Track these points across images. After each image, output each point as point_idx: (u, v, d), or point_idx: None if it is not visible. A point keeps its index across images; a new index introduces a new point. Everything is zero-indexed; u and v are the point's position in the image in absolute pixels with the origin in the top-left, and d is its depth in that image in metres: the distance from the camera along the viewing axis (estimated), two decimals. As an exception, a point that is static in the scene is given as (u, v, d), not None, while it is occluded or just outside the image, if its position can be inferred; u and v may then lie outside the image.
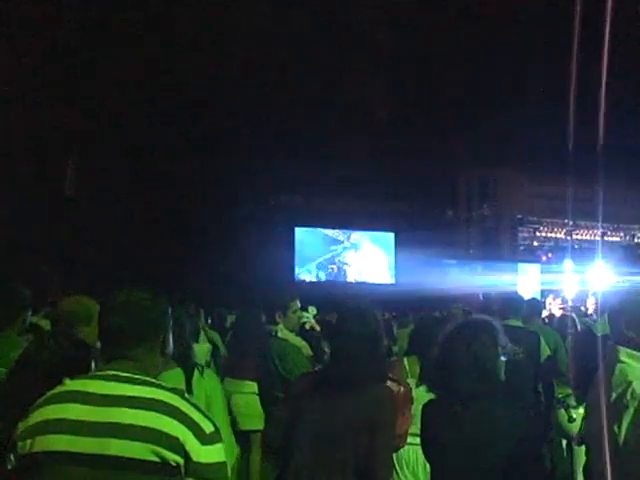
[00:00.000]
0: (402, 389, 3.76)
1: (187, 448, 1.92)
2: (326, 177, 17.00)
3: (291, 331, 5.49)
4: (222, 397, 3.88)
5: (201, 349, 5.68)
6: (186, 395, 2.09)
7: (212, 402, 3.70)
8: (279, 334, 5.32)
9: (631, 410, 2.45)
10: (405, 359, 4.22)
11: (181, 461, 1.91)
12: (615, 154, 15.45)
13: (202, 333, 6.84)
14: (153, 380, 2.04)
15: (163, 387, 2.04)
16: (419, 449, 3.36)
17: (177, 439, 1.91)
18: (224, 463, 2.02)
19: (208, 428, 1.98)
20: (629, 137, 15.85)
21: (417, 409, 3.32)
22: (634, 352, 2.64)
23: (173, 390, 2.05)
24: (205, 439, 1.96)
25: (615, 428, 2.47)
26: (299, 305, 5.57)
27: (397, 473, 4.11)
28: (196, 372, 3.72)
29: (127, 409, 1.94)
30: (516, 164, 18.00)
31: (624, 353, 2.64)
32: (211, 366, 6.00)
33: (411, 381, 3.96)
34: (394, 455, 3.96)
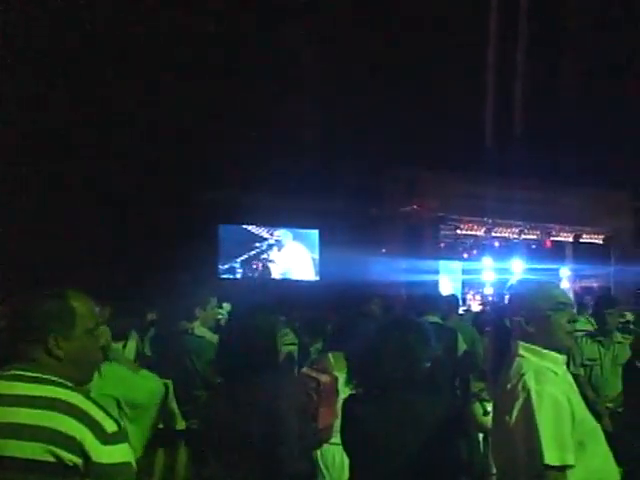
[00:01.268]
0: (328, 378, 3.91)
1: (86, 448, 1.88)
2: (249, 174, 16.90)
3: (208, 328, 5.45)
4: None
5: (129, 347, 5.60)
6: (90, 394, 2.05)
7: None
8: (196, 331, 5.25)
9: (521, 400, 2.55)
10: (330, 355, 4.25)
11: (79, 461, 1.87)
12: (533, 155, 15.91)
13: (132, 332, 6.71)
14: (55, 379, 2.01)
15: (64, 386, 2.02)
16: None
17: (74, 439, 1.88)
18: (128, 463, 1.98)
19: (110, 427, 1.95)
20: (546, 138, 16.34)
21: None
22: (532, 346, 2.75)
23: (75, 389, 2.04)
24: (107, 439, 1.92)
25: (507, 418, 2.57)
26: (216, 301, 5.53)
27: (322, 473, 4.12)
28: (105, 368, 3.66)
29: (24, 409, 1.91)
30: (438, 162, 18.28)
31: (522, 347, 2.77)
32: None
33: (340, 375, 3.97)
34: (319, 453, 4.00)
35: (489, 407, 4.73)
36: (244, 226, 19.81)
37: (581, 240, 21.72)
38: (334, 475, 4.10)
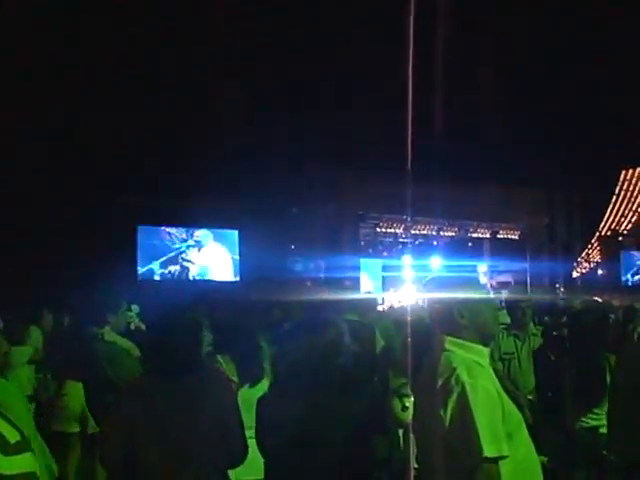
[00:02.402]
0: (232, 383, 3.76)
1: None
2: (168, 175, 16.71)
3: (118, 333, 5.35)
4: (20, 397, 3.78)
5: (21, 351, 5.47)
6: None
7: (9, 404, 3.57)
8: (106, 337, 5.15)
9: (454, 395, 2.53)
10: (220, 358, 4.18)
11: None
12: (451, 155, 16.24)
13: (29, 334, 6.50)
14: None
15: None
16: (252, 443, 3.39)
17: None
18: (32, 474, 1.86)
19: (13, 437, 1.82)
20: (465, 136, 16.71)
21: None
22: (459, 340, 2.75)
23: None
24: (9, 449, 1.80)
25: (441, 412, 2.54)
26: (126, 305, 5.43)
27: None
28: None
29: None
30: (358, 163, 18.49)
31: (449, 341, 2.74)
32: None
33: (232, 378, 3.94)
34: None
35: (407, 403, 4.74)
36: (163, 228, 19.51)
37: (498, 236, 22.32)
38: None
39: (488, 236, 22.36)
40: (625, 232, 72.15)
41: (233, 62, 16.49)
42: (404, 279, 21.45)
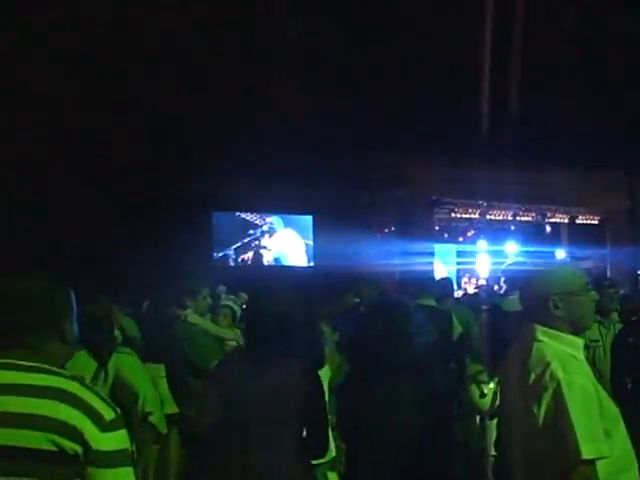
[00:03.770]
0: None
1: (86, 436, 1.90)
2: (242, 161, 16.86)
3: (201, 315, 5.43)
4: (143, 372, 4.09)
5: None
6: (86, 382, 2.10)
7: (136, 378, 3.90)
8: (188, 318, 5.30)
9: (550, 391, 2.45)
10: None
11: (80, 450, 1.89)
12: (528, 137, 15.89)
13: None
14: (51, 368, 2.02)
15: (61, 374, 2.03)
16: None
17: (75, 427, 1.90)
18: (126, 450, 2.00)
19: (109, 415, 1.96)
20: (541, 119, 16.32)
21: None
22: (552, 331, 2.65)
23: (72, 377, 2.05)
24: (105, 426, 1.94)
25: (534, 410, 2.47)
26: (209, 291, 5.62)
27: None
28: (115, 355, 3.95)
29: (22, 397, 1.92)
30: (430, 146, 18.25)
31: (541, 331, 2.65)
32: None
33: None
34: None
35: (486, 389, 4.74)
36: (238, 214, 19.80)
37: (577, 221, 21.76)
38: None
39: (566, 221, 21.82)
40: None
41: (296, 49, 16.49)
42: (479, 265, 21.21)
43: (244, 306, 7.21)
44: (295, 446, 3.19)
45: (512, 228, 21.56)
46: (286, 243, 20.26)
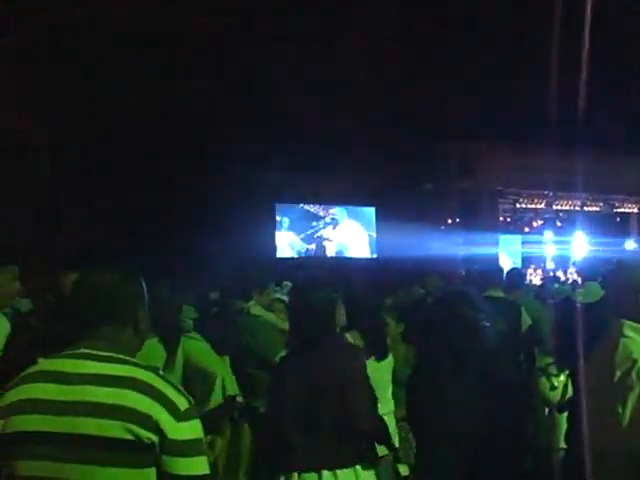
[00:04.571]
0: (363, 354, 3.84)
1: (161, 426, 1.94)
2: (305, 153, 16.90)
3: (263, 307, 5.55)
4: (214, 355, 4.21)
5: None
6: (160, 372, 2.12)
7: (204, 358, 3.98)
8: (252, 311, 5.39)
9: (637, 390, 2.38)
10: (348, 335, 4.27)
11: (155, 439, 1.93)
12: (595, 125, 15.50)
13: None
14: (127, 358, 2.06)
15: (137, 364, 2.07)
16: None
17: (150, 417, 1.93)
18: (200, 439, 2.04)
19: (183, 405, 2.00)
20: (610, 107, 15.90)
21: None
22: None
23: (147, 367, 2.08)
24: (180, 416, 1.98)
25: (619, 408, 2.40)
26: (274, 286, 5.58)
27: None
28: (184, 339, 4.06)
29: (99, 387, 1.95)
30: (495, 136, 17.98)
31: (629, 327, 2.55)
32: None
33: None
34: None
35: (556, 382, 4.67)
36: (301, 205, 19.91)
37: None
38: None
39: (636, 211, 21.22)
40: None
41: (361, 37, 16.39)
42: (545, 256, 20.83)
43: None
44: (343, 430, 3.25)
45: (579, 218, 21.10)
46: (349, 235, 20.24)
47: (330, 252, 20.10)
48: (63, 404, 1.94)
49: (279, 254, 19.37)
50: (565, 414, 4.03)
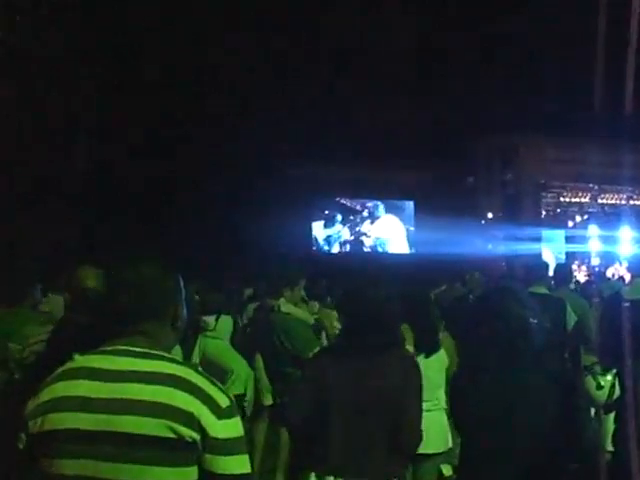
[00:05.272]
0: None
1: (203, 423, 1.92)
2: (342, 145, 16.87)
3: (295, 304, 5.50)
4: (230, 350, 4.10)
5: (225, 322, 5.66)
6: (200, 369, 2.08)
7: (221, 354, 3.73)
8: (282, 308, 5.33)
9: None
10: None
11: (197, 437, 1.91)
12: (640, 115, 15.23)
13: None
14: (165, 354, 2.04)
15: (176, 361, 2.05)
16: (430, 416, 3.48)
17: (192, 414, 1.91)
18: (241, 437, 2.01)
19: (224, 402, 1.98)
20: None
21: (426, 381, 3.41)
22: None
23: (187, 364, 2.07)
24: (221, 413, 1.96)
25: None
26: (304, 282, 5.62)
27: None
28: (201, 338, 3.81)
29: (139, 384, 1.94)
30: (537, 128, 17.77)
31: None
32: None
33: (409, 348, 4.00)
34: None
35: (602, 381, 4.58)
36: (337, 199, 19.89)
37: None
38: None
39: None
40: None
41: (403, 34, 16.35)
42: (590, 252, 20.51)
43: None
44: (389, 441, 3.17)
45: (626, 212, 20.73)
46: (387, 229, 20.18)
47: (367, 247, 20.06)
48: (101, 401, 1.92)
49: (315, 248, 19.43)
50: (612, 415, 3.96)
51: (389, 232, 20.19)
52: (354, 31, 15.90)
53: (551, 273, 6.45)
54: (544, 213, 20.21)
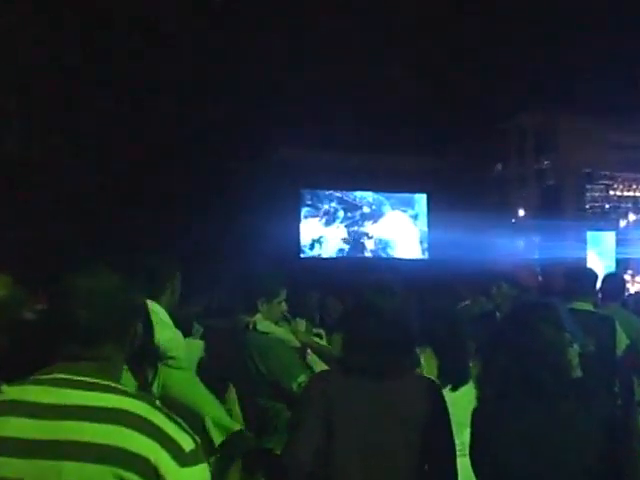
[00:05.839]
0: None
1: (162, 472, 1.91)
2: (340, 127, 16.93)
3: (274, 323, 5.44)
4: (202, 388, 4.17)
5: (194, 345, 5.63)
6: (158, 404, 2.08)
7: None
8: (258, 326, 5.28)
9: None
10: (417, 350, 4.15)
11: None
12: None
13: (195, 325, 6.79)
14: (116, 385, 2.03)
15: (129, 394, 2.03)
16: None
17: (148, 460, 1.90)
18: None
19: (188, 445, 1.97)
20: None
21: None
22: None
23: (143, 398, 2.05)
24: (184, 459, 1.95)
25: None
26: (285, 295, 5.49)
27: None
28: (161, 369, 3.90)
29: (83, 422, 1.92)
30: (582, 106, 17.88)
31: None
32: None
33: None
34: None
35: (661, 419, 4.63)
36: (331, 191, 19.88)
37: None
38: None
39: None
40: None
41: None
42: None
43: None
44: None
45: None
46: (393, 229, 20.20)
47: (369, 251, 20.13)
48: (37, 444, 1.90)
49: (304, 253, 19.44)
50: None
51: (396, 233, 20.22)
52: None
53: (598, 285, 6.47)
54: (590, 209, 20.30)
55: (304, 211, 19.72)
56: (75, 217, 15.20)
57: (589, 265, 16.72)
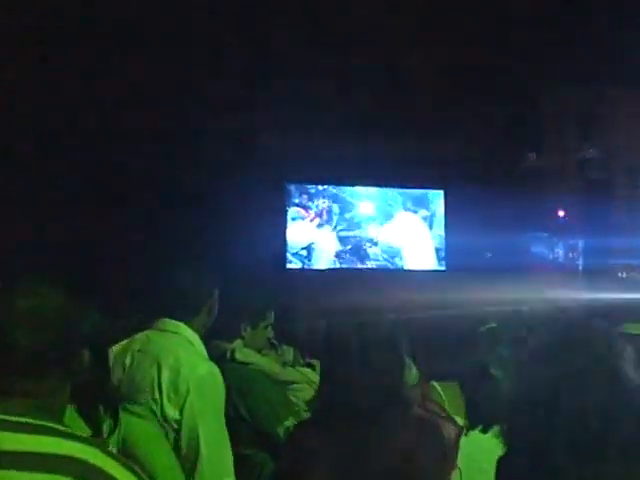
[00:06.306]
0: (451, 426, 3.90)
1: None
2: (334, 111, 16.84)
3: (258, 351, 5.57)
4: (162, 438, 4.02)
5: None
6: (109, 448, 2.20)
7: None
8: (237, 355, 5.30)
9: None
10: (437, 385, 4.34)
11: None
12: None
13: None
14: (58, 427, 2.06)
15: (74, 437, 2.06)
16: None
17: None
18: None
19: None
20: None
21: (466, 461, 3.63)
22: None
23: (91, 441, 2.09)
24: None
25: None
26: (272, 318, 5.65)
27: None
28: (122, 415, 3.75)
29: (20, 473, 1.94)
30: (637, 80, 17.79)
31: None
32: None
33: (458, 419, 4.09)
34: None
35: None
36: (324, 187, 19.83)
37: None
38: None
39: None
40: None
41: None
42: None
43: None
44: None
45: None
46: (403, 234, 20.17)
47: (372, 261, 20.05)
48: None
49: (290, 264, 19.35)
50: None
51: (406, 238, 20.17)
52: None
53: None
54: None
55: (291, 211, 19.57)
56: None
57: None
